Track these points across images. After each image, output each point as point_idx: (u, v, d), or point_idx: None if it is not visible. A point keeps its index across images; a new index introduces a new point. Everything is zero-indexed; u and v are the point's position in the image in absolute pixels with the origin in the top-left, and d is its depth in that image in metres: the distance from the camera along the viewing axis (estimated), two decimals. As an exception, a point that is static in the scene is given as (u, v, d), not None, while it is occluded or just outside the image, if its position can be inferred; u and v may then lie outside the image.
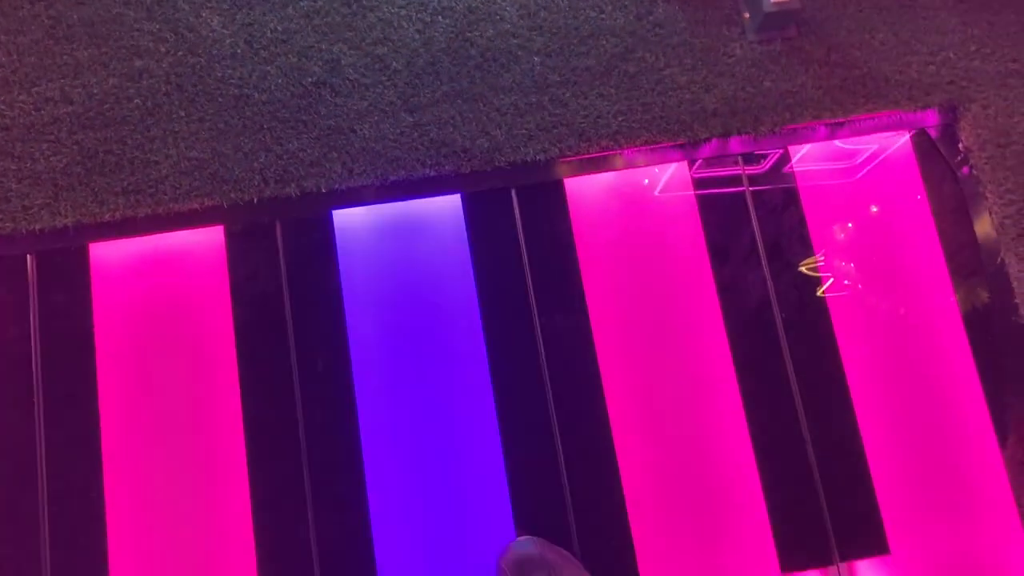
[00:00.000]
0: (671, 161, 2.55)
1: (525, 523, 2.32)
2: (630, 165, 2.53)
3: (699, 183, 2.57)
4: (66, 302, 2.36)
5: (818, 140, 2.59)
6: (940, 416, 2.47)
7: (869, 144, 2.65)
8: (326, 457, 2.32)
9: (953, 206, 2.59)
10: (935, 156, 2.62)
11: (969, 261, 2.55)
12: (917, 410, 2.47)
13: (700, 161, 2.57)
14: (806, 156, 2.63)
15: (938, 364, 2.51)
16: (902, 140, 2.65)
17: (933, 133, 2.63)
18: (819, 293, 2.52)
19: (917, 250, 2.58)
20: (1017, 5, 2.68)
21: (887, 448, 2.43)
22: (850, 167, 2.65)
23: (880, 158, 2.65)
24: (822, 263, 2.54)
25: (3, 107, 2.41)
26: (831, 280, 2.54)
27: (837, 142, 2.64)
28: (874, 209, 2.62)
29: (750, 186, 2.57)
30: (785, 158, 2.60)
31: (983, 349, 2.50)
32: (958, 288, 2.55)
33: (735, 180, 2.57)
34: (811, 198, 2.58)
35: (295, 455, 2.31)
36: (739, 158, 2.57)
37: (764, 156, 2.60)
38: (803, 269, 2.52)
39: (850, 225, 2.60)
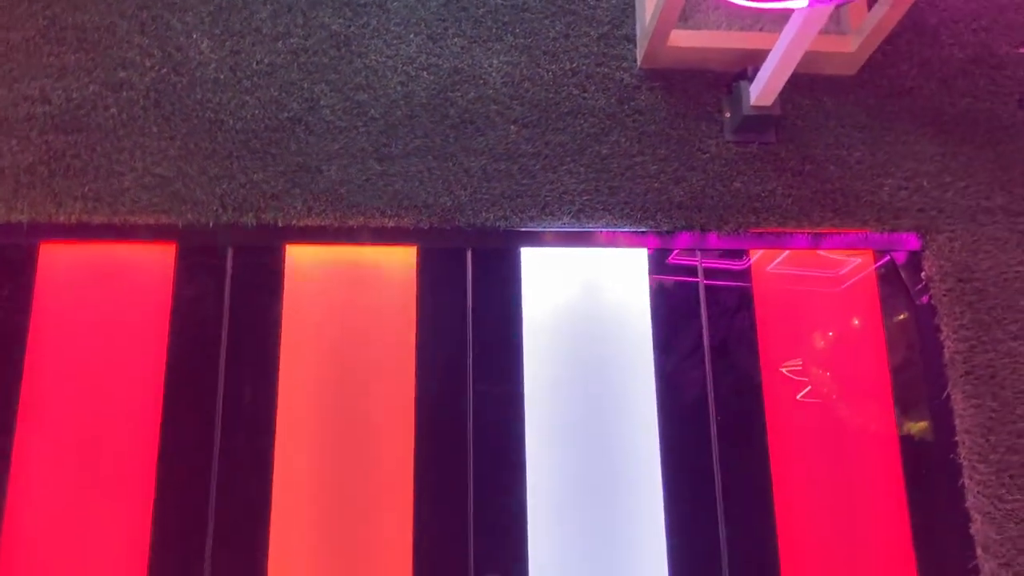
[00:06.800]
0: (631, 246, 2.55)
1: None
2: (589, 244, 2.53)
3: (663, 267, 2.56)
4: (7, 298, 2.36)
5: (780, 247, 2.59)
6: (864, 541, 2.41)
7: (837, 258, 2.64)
8: (236, 487, 2.29)
9: (907, 332, 2.57)
10: (896, 280, 2.61)
11: (914, 391, 2.52)
12: (840, 530, 2.42)
13: (655, 250, 2.57)
14: (765, 260, 2.61)
15: (869, 490, 2.46)
16: (869, 267, 2.63)
17: (898, 257, 2.62)
18: (757, 397, 2.49)
19: (865, 370, 2.55)
20: (996, 144, 2.69)
21: (805, 565, 2.38)
22: (814, 278, 2.63)
23: (842, 273, 2.64)
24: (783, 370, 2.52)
25: (-19, 98, 2.45)
26: (774, 387, 2.51)
27: (820, 252, 2.63)
28: (830, 333, 2.59)
29: (706, 279, 2.55)
30: (755, 259, 2.59)
31: (916, 482, 2.45)
32: (899, 416, 2.51)
33: (691, 271, 2.56)
34: (767, 304, 2.57)
35: (204, 478, 2.28)
36: (698, 251, 2.57)
37: (733, 254, 2.59)
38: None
39: (814, 337, 2.58)
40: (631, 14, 2.73)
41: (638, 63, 2.69)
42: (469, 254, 2.50)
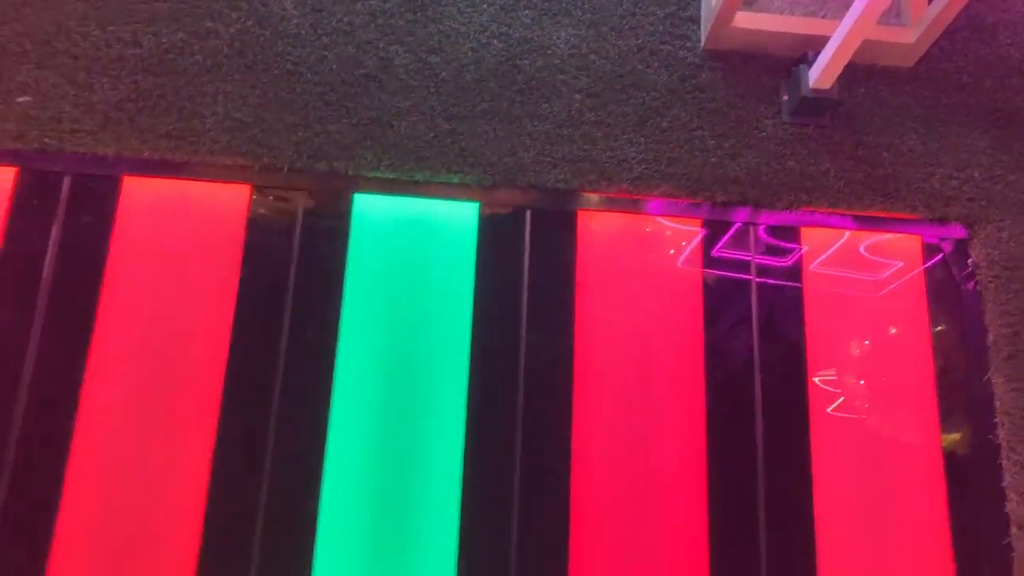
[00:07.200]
0: (685, 217, 2.63)
1: (469, 552, 2.35)
2: (645, 212, 2.61)
3: (709, 258, 2.63)
4: (89, 225, 2.48)
5: (829, 227, 2.65)
6: (898, 514, 2.46)
7: (881, 260, 2.68)
8: (293, 418, 2.38)
9: (951, 318, 2.62)
10: (944, 278, 2.66)
11: (955, 373, 2.57)
12: (875, 506, 2.46)
13: (708, 232, 2.64)
14: (820, 257, 2.67)
15: (908, 472, 2.50)
16: (917, 268, 2.67)
17: (945, 246, 2.67)
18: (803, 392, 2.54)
19: (909, 370, 2.60)
20: (1048, 139, 2.75)
21: (840, 545, 2.43)
22: (858, 280, 2.67)
23: (886, 275, 2.67)
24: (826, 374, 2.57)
25: (77, 37, 2.58)
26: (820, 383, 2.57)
27: (861, 248, 2.68)
28: (866, 341, 2.64)
29: (759, 276, 2.62)
30: (802, 255, 2.65)
31: (955, 462, 2.50)
32: (941, 399, 2.56)
33: (744, 266, 2.63)
34: (816, 297, 2.62)
35: (266, 410, 2.37)
36: (752, 233, 2.64)
37: (784, 251, 2.65)
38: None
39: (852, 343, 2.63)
40: (697, -4, 2.84)
41: (701, 43, 2.78)
42: (528, 213, 2.59)
